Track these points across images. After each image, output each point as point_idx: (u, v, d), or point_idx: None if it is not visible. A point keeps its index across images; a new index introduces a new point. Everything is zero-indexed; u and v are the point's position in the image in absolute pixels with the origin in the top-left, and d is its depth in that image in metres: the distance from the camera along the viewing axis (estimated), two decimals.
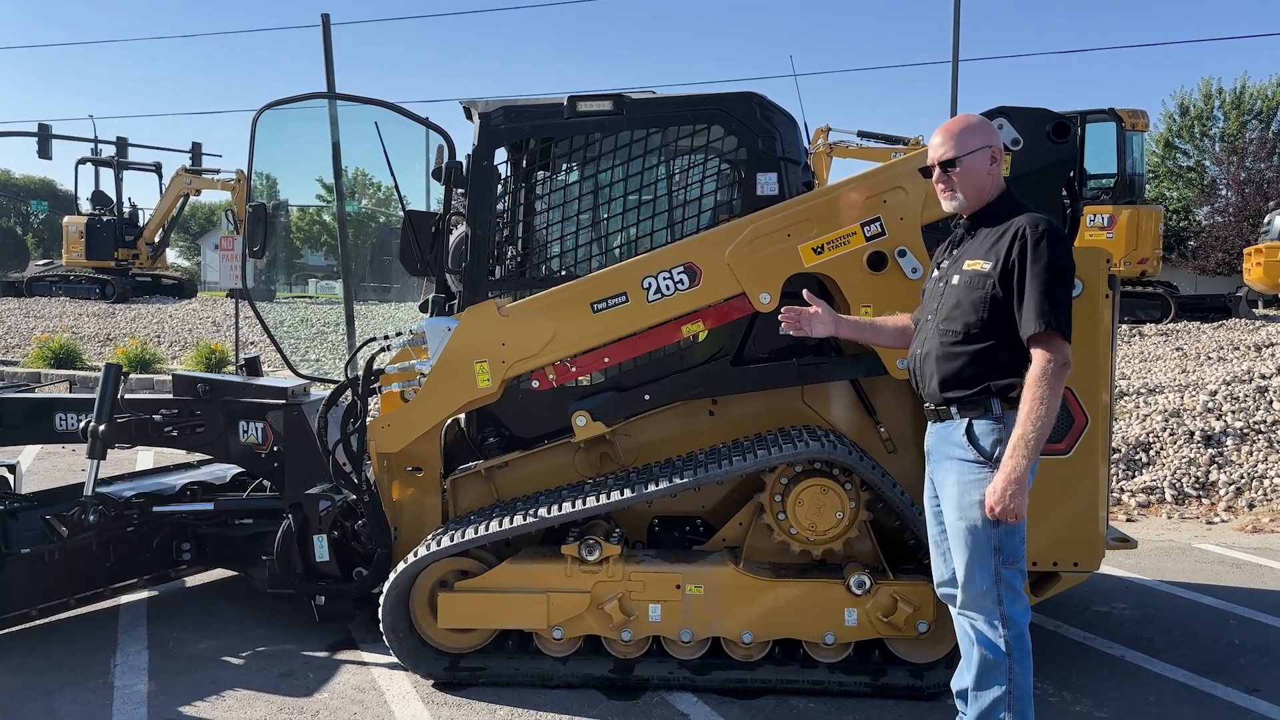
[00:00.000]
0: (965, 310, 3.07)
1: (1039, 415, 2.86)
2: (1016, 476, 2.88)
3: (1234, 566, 6.06)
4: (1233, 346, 12.05)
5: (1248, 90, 33.94)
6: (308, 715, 3.83)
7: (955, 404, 3.09)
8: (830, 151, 17.11)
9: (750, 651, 4.05)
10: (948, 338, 3.11)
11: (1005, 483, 2.89)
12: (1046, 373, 2.88)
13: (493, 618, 4.08)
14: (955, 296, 3.12)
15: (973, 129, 3.15)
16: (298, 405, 4.70)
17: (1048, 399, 2.87)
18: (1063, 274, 2.95)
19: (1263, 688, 4.15)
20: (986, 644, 3.06)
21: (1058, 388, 2.89)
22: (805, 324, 3.47)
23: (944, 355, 3.12)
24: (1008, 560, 3.03)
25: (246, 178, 5.07)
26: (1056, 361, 2.88)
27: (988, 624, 3.06)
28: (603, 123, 4.33)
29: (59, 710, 3.85)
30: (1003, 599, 3.03)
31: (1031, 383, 2.90)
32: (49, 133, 26.91)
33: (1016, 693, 3.04)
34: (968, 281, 3.09)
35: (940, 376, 3.12)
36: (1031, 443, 2.87)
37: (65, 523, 4.49)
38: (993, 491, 2.92)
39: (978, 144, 3.10)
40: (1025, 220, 3.00)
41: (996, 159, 3.13)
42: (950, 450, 3.12)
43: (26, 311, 21.54)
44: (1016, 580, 3.06)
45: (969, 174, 3.11)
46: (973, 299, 3.06)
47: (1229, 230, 28.70)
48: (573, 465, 4.44)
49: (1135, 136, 16.28)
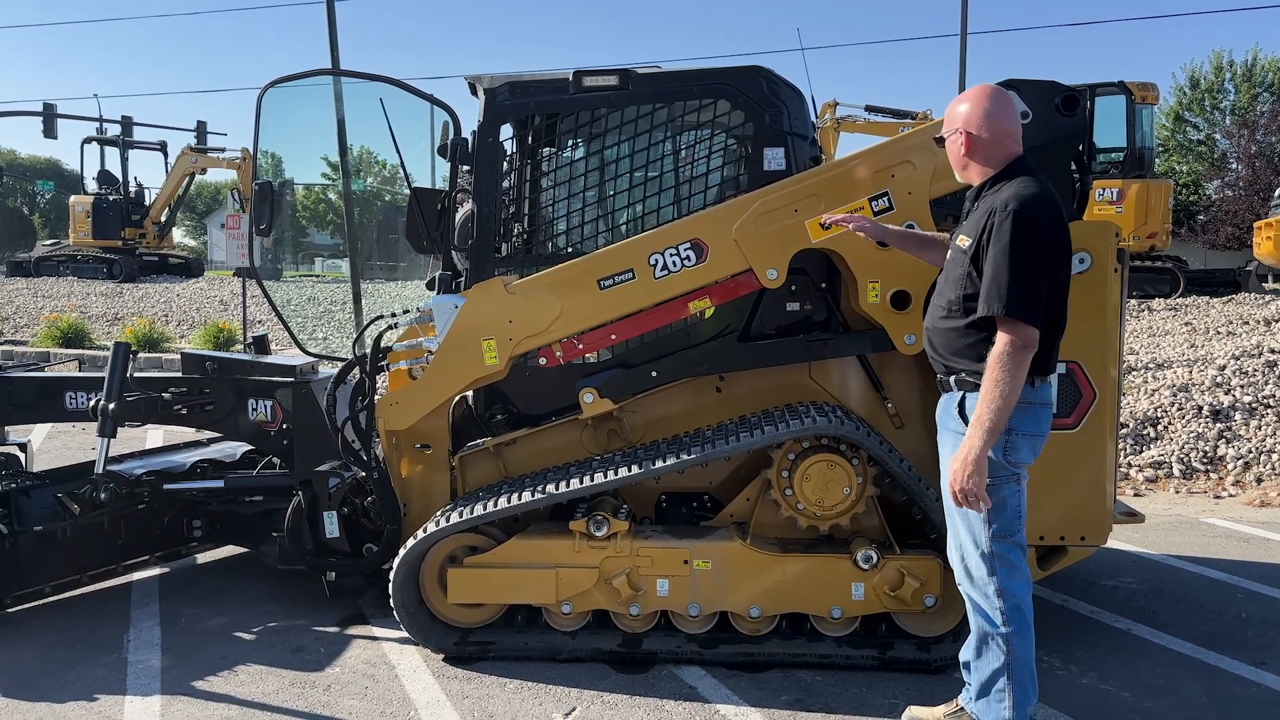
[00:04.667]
0: (952, 284, 3.10)
1: (994, 398, 2.85)
2: (973, 458, 2.87)
3: (1241, 540, 6.06)
4: (1242, 321, 12.00)
5: (1259, 62, 33.61)
6: (319, 689, 3.87)
7: (953, 375, 3.12)
8: (837, 126, 17.03)
9: (758, 626, 4.08)
10: (938, 311, 3.17)
11: (961, 464, 2.90)
12: (1003, 355, 2.85)
13: (502, 593, 4.11)
14: (946, 270, 3.16)
15: (957, 108, 3.15)
16: (306, 383, 4.72)
17: (1002, 382, 2.84)
18: (1022, 255, 2.86)
19: (1269, 660, 4.16)
20: (983, 616, 3.11)
21: (1015, 371, 2.85)
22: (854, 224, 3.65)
23: (935, 328, 3.18)
24: (1000, 534, 3.04)
25: (252, 156, 5.06)
26: (1015, 344, 2.85)
27: (983, 596, 3.10)
28: (608, 98, 4.30)
29: (73, 685, 3.89)
30: (997, 571, 3.05)
31: (989, 365, 2.88)
32: (54, 112, 26.90)
33: (1015, 664, 3.07)
34: (952, 257, 3.12)
35: (936, 348, 3.18)
36: (987, 424, 2.86)
37: (77, 500, 4.52)
38: (952, 474, 2.93)
39: (954, 126, 3.13)
40: (1002, 199, 2.95)
41: (972, 135, 3.10)
42: (948, 422, 3.16)
43: (34, 291, 21.61)
44: (1012, 554, 3.06)
45: (951, 151, 3.15)
46: (956, 275, 3.08)
47: (1239, 204, 28.51)
48: (580, 442, 4.45)
49: (1145, 110, 16.14)
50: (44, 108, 26.86)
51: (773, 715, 3.63)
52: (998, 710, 3.11)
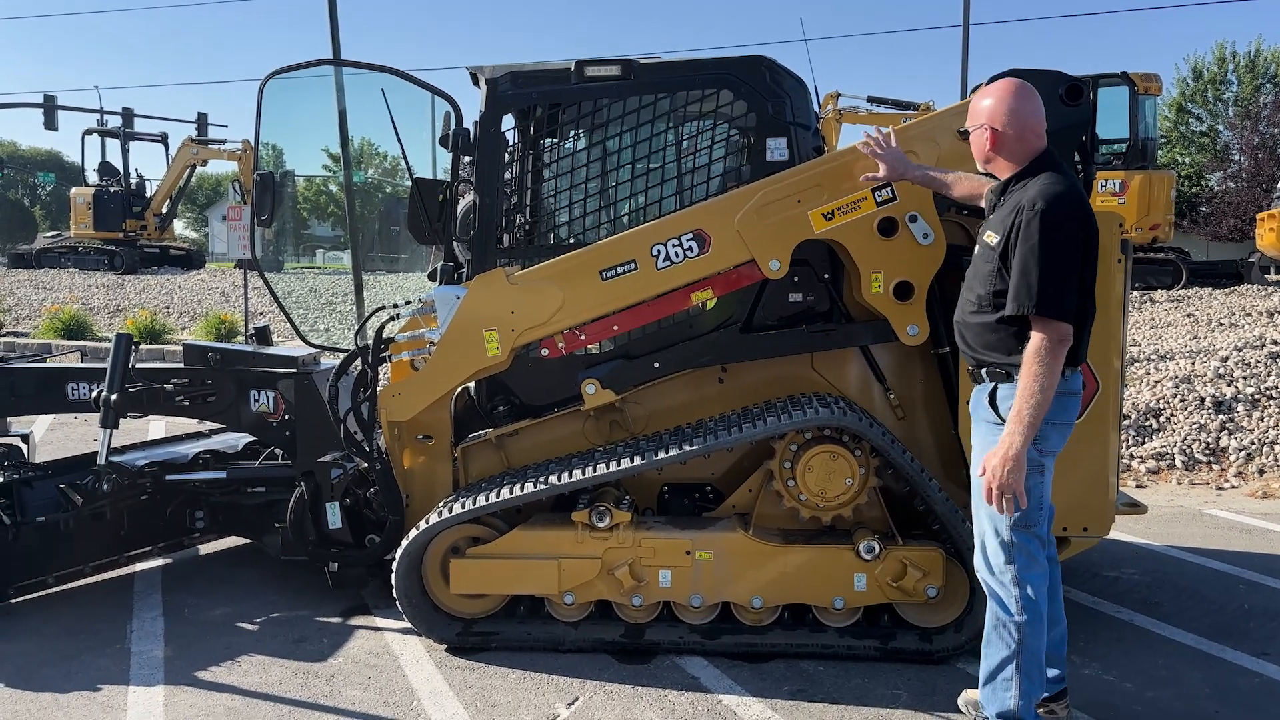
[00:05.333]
0: (981, 280, 3.14)
1: (1033, 393, 2.90)
2: (1013, 453, 2.91)
3: (1243, 532, 6.06)
4: (1244, 312, 11.99)
5: (1262, 54, 33.46)
6: (322, 680, 3.87)
7: (985, 367, 3.16)
8: (840, 117, 16.99)
9: (760, 616, 4.08)
10: (968, 305, 3.21)
11: (1000, 458, 2.93)
12: (1039, 351, 2.90)
13: (505, 583, 4.11)
14: (974, 266, 3.20)
15: (980, 102, 3.19)
16: (308, 374, 4.72)
17: (1041, 377, 2.89)
18: (1051, 254, 2.90)
19: (1271, 651, 4.16)
20: (998, 602, 3.15)
21: (1052, 365, 2.90)
22: (880, 157, 3.71)
23: (965, 322, 3.22)
24: (1022, 524, 3.08)
25: (253, 147, 5.04)
26: (1050, 340, 2.90)
27: (999, 583, 3.13)
28: (611, 88, 4.29)
29: (77, 675, 3.90)
30: (1015, 560, 3.09)
31: (1025, 360, 2.93)
32: (55, 104, 26.87)
33: (1025, 654, 3.09)
34: (980, 253, 3.16)
35: (967, 341, 3.22)
36: (1027, 419, 2.90)
37: (79, 491, 4.53)
38: (990, 469, 2.96)
39: (979, 121, 3.16)
40: (1029, 198, 2.98)
41: (999, 131, 3.14)
42: (980, 412, 3.21)
43: (36, 283, 21.60)
44: (1031, 544, 3.11)
45: (975, 145, 3.18)
46: (984, 271, 3.12)
47: (1241, 196, 28.41)
48: (582, 433, 4.45)
49: (1148, 100, 16.11)
50: (45, 99, 26.83)
51: (775, 705, 3.63)
52: (1003, 699, 3.13)
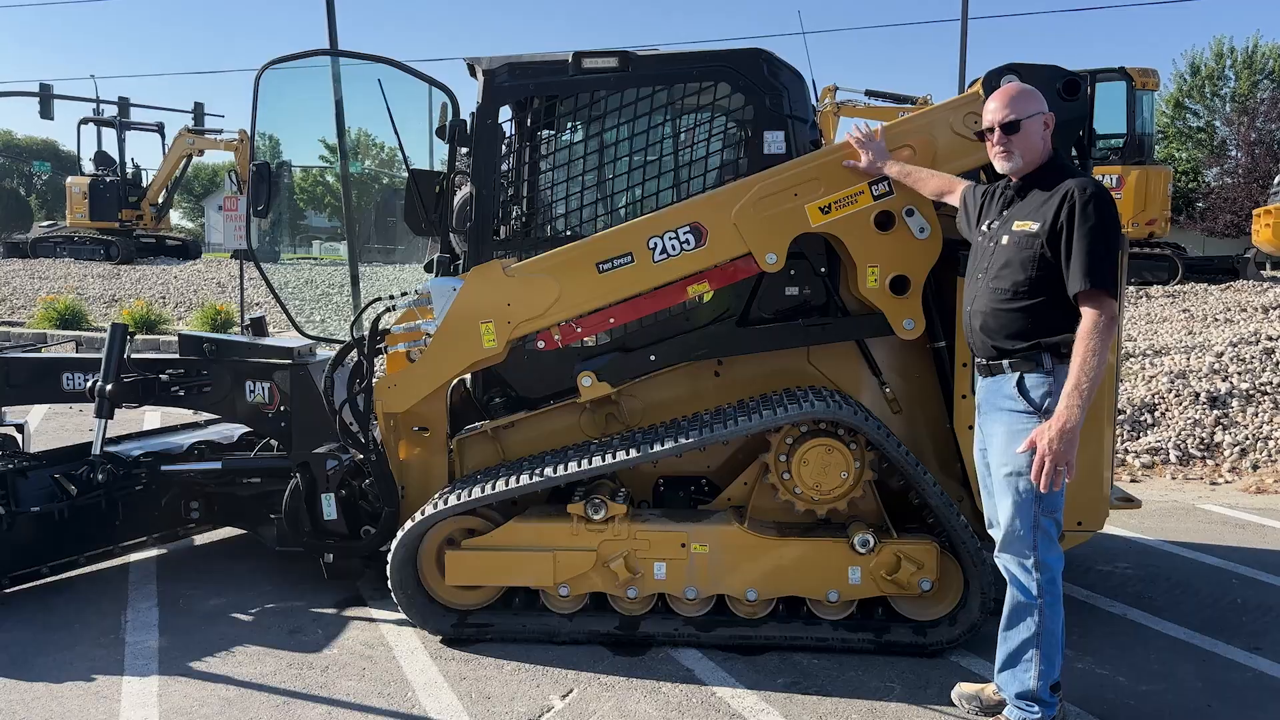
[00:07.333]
0: (1015, 269, 3.19)
1: (1092, 366, 2.98)
2: (1070, 426, 2.98)
3: (1237, 527, 6.08)
4: (1240, 308, 12.00)
5: (1259, 49, 33.49)
6: (317, 670, 3.88)
7: (1007, 358, 3.21)
8: (837, 110, 17.00)
9: (755, 609, 4.09)
10: (998, 295, 3.24)
11: (1059, 430, 2.99)
12: (1098, 326, 3.00)
13: (499, 575, 4.11)
14: (1005, 256, 3.23)
15: (1031, 95, 3.29)
16: (304, 365, 4.71)
17: (1099, 350, 2.99)
18: (1109, 235, 3.05)
19: (1264, 646, 4.18)
20: (1019, 586, 3.22)
21: (1108, 340, 3.02)
22: (863, 147, 3.87)
23: (994, 312, 3.25)
24: (1047, 509, 3.17)
25: (250, 137, 5.02)
26: (1105, 316, 3.01)
27: (1021, 567, 3.21)
28: (608, 80, 4.28)
29: (71, 665, 3.90)
30: (1038, 544, 3.18)
31: (1083, 336, 3.02)
32: (50, 93, 26.78)
33: (1045, 636, 3.19)
34: (1017, 241, 3.20)
35: (992, 332, 3.25)
36: (1085, 392, 2.98)
37: (74, 481, 4.53)
38: (1046, 440, 3.00)
39: (1035, 109, 3.26)
40: (1075, 184, 3.11)
41: (1048, 125, 3.27)
42: (1001, 402, 3.25)
43: (31, 273, 21.56)
44: (1053, 529, 3.20)
45: (1027, 137, 3.24)
46: (1021, 258, 3.18)
47: (1238, 191, 28.48)
48: (578, 426, 4.45)
49: (1145, 96, 16.11)
50: (40, 88, 26.73)
51: (769, 698, 3.64)
52: (1023, 680, 3.23)
